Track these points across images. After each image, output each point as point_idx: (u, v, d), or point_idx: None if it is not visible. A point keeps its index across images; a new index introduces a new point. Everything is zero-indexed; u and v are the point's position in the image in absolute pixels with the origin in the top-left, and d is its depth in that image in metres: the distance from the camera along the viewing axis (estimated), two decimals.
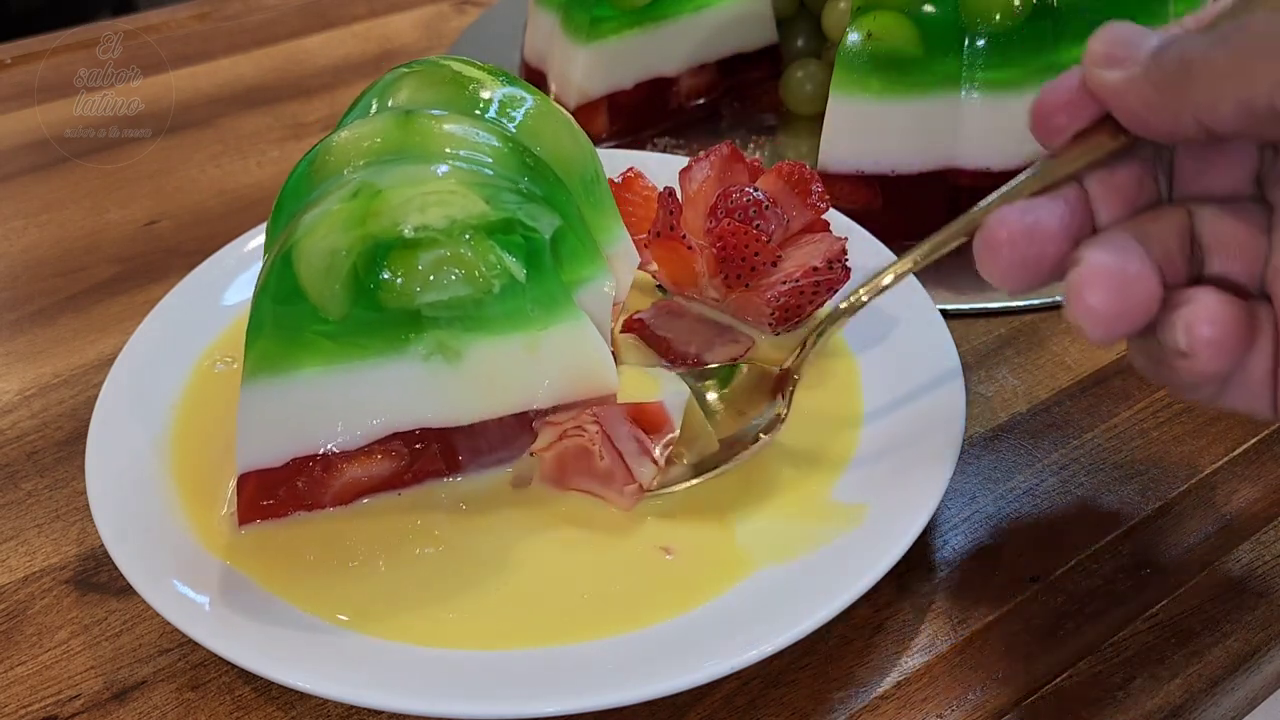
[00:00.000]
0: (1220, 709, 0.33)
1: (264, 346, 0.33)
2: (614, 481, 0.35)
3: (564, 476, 0.35)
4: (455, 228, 0.32)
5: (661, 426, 0.36)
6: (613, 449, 0.35)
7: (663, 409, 0.36)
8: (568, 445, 0.35)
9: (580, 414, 0.35)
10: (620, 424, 0.35)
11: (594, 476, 0.35)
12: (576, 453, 0.35)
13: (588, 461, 0.35)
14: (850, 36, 0.47)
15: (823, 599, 0.30)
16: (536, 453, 0.36)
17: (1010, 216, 0.27)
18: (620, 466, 0.35)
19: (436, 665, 0.31)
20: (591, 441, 0.35)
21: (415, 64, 0.39)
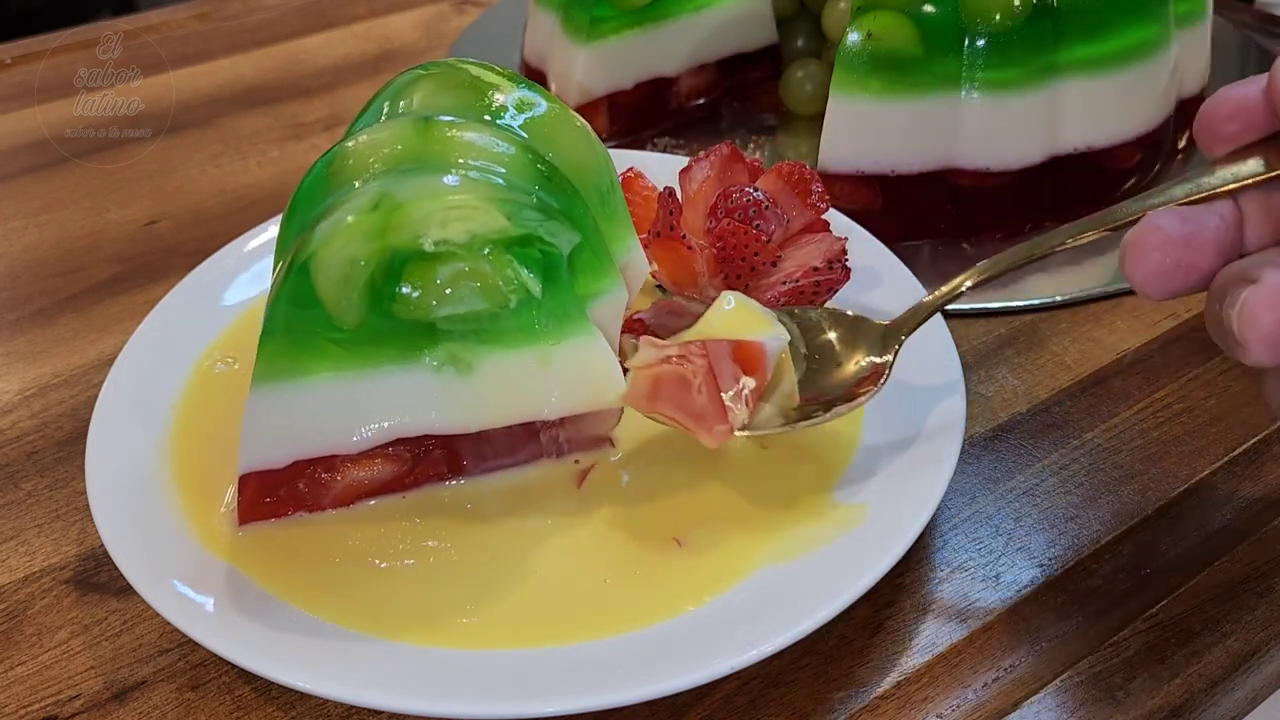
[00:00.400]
0: (1220, 709, 0.33)
1: (275, 350, 0.33)
2: (705, 419, 0.34)
3: (654, 400, 0.34)
4: (475, 242, 0.32)
5: (756, 369, 0.34)
6: (713, 386, 0.33)
7: (763, 351, 0.35)
8: (666, 371, 0.34)
9: (688, 344, 0.34)
10: (726, 361, 0.34)
11: (685, 409, 0.34)
12: (673, 380, 0.34)
13: (683, 392, 0.34)
14: (850, 36, 0.47)
15: (823, 599, 0.30)
16: (633, 369, 0.35)
17: (1166, 222, 0.27)
18: (716, 405, 0.33)
19: (436, 665, 0.31)
20: (694, 374, 0.33)
21: (430, 66, 0.39)
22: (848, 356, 0.36)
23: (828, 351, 0.36)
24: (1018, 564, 0.36)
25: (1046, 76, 0.47)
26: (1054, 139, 0.49)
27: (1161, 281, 0.27)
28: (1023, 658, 0.33)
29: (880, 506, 0.34)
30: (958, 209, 0.50)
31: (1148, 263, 0.27)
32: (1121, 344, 0.44)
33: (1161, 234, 0.27)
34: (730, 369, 0.34)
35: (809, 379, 0.36)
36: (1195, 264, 0.27)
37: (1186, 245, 0.27)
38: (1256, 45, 0.63)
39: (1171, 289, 0.27)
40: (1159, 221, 0.27)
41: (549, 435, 0.37)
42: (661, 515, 0.35)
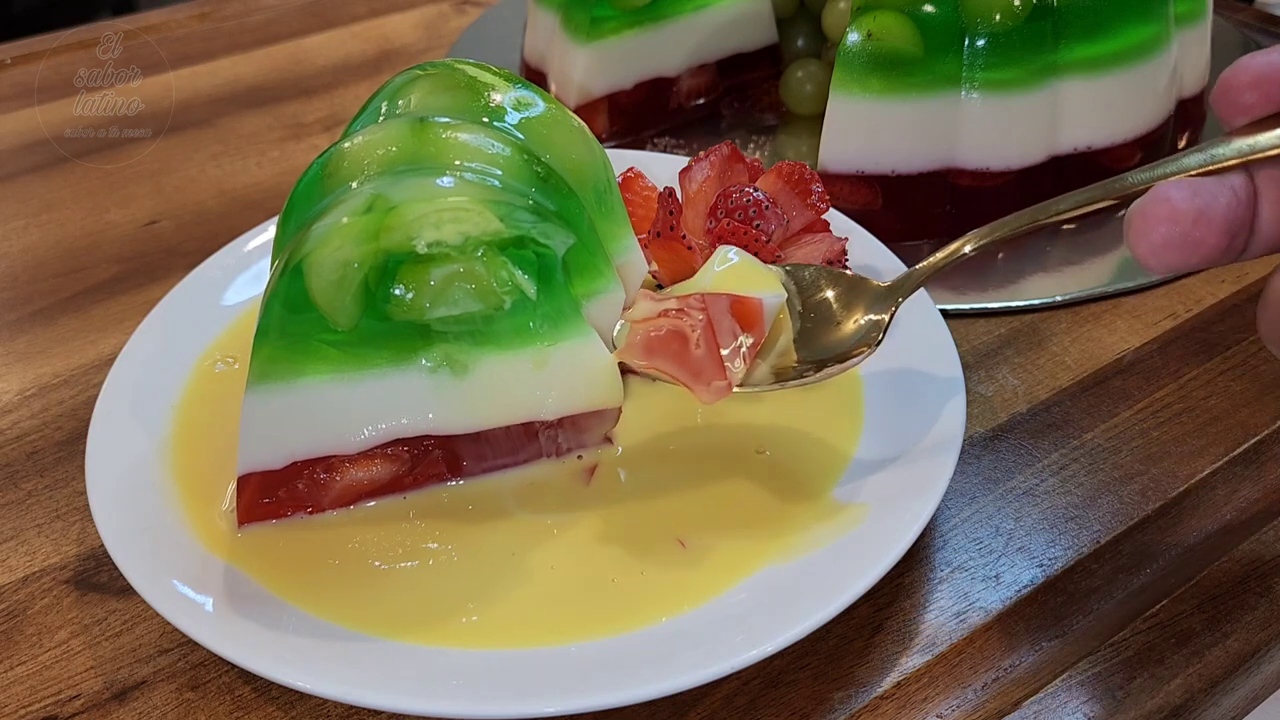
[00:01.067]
0: (1220, 709, 0.33)
1: (270, 352, 0.33)
2: (703, 375, 0.33)
3: (650, 354, 0.34)
4: (469, 244, 0.32)
5: (753, 326, 0.34)
6: (712, 341, 0.33)
7: (761, 308, 0.34)
8: (664, 325, 0.33)
9: (687, 298, 0.34)
10: (725, 317, 0.33)
11: (682, 364, 0.33)
12: (671, 334, 0.33)
13: (681, 347, 0.33)
14: (850, 36, 0.47)
15: (823, 599, 0.30)
16: (630, 321, 0.34)
17: (1176, 195, 0.26)
18: (714, 361, 0.33)
19: (436, 665, 0.31)
20: (692, 328, 0.33)
21: (428, 66, 0.39)
22: (844, 316, 0.35)
23: (824, 310, 0.35)
24: (1018, 564, 0.36)
25: (1046, 76, 0.47)
26: (1054, 139, 0.49)
27: (1167, 256, 0.26)
28: (1023, 658, 0.33)
29: (880, 506, 0.34)
30: (958, 209, 0.49)
31: (1154, 235, 0.26)
32: (1122, 344, 0.44)
33: (1170, 206, 0.26)
34: (729, 324, 0.33)
35: (804, 337, 0.35)
36: (1203, 239, 0.26)
37: (1196, 220, 0.26)
38: (1256, 45, 0.63)
39: (1176, 264, 0.26)
40: (1169, 193, 0.26)
41: (548, 435, 0.37)
42: (663, 515, 0.35)
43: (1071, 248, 0.49)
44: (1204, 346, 0.44)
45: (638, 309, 0.34)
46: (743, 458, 0.37)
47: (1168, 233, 0.26)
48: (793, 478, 0.36)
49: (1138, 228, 0.26)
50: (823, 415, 0.38)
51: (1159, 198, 0.26)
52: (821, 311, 0.35)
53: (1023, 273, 0.48)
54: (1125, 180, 0.29)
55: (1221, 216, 0.26)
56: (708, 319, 0.33)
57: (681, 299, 0.34)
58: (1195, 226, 0.26)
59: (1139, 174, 0.28)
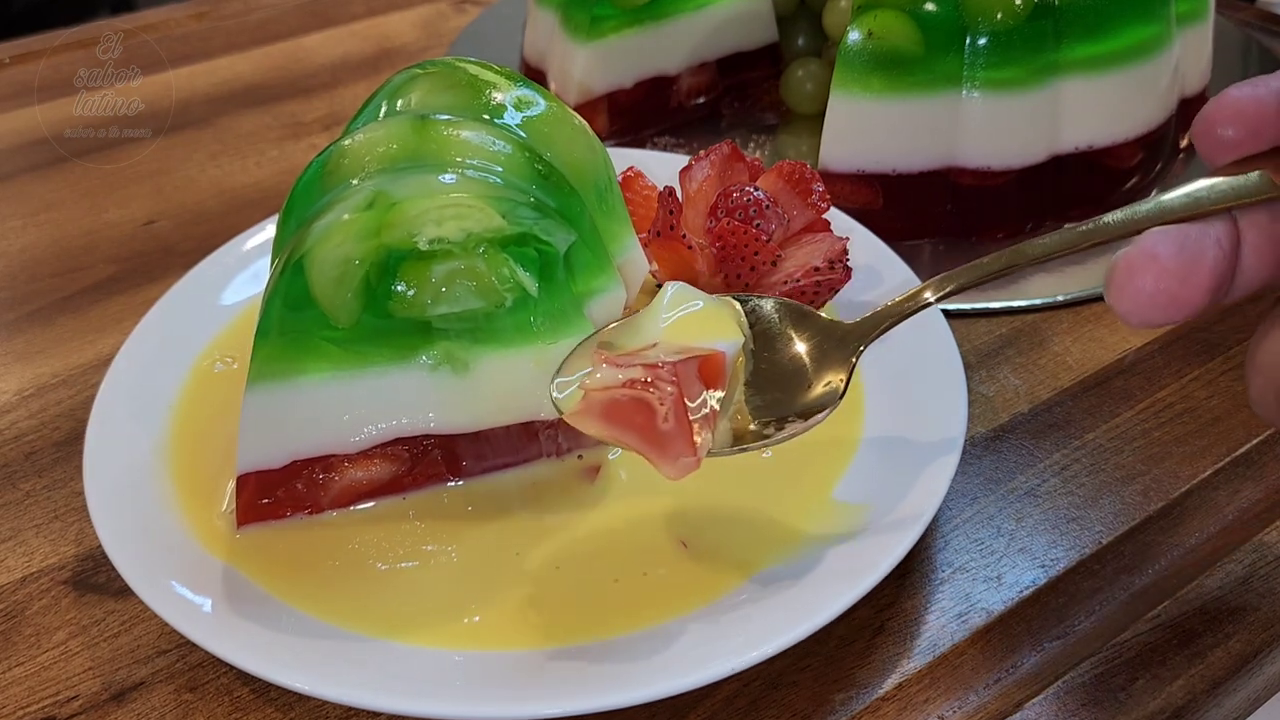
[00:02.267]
0: (1222, 710, 0.33)
1: (271, 350, 0.33)
2: (670, 450, 0.30)
3: (609, 422, 0.30)
4: (471, 241, 0.32)
5: (717, 382, 0.31)
6: (683, 413, 0.29)
7: (723, 362, 0.31)
8: (628, 395, 0.30)
9: (654, 366, 0.30)
10: (694, 383, 0.30)
11: (645, 437, 0.30)
12: (636, 405, 0.30)
13: (646, 419, 0.30)
14: (851, 35, 0.47)
15: (824, 600, 0.30)
16: (587, 390, 0.30)
17: (1163, 248, 0.24)
18: (683, 436, 0.29)
19: (435, 666, 0.30)
20: (661, 401, 0.29)
21: (429, 65, 0.39)
22: (801, 362, 0.32)
23: (778, 350, 0.32)
24: (1019, 565, 0.35)
25: (1048, 75, 0.47)
26: (1055, 138, 0.49)
27: (1150, 313, 0.25)
28: (1024, 659, 0.33)
29: (881, 507, 0.33)
30: (959, 208, 0.49)
31: (1137, 292, 0.25)
32: (1123, 344, 0.44)
33: (1157, 264, 0.24)
34: (697, 390, 0.30)
35: (758, 380, 0.32)
36: (1189, 298, 0.24)
37: (1184, 278, 0.24)
38: (1258, 44, 0.63)
39: (1158, 321, 0.25)
40: (1155, 248, 0.24)
41: (548, 435, 0.36)
42: (665, 516, 0.35)
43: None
44: (1206, 347, 0.44)
45: (600, 378, 0.30)
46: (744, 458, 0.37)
47: (1153, 290, 0.25)
48: (794, 478, 0.36)
49: (1122, 285, 0.25)
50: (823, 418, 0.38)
51: (1144, 253, 0.25)
52: (776, 350, 0.32)
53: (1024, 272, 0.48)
54: (1105, 227, 0.27)
55: (1208, 271, 0.25)
56: (679, 393, 0.29)
57: (649, 369, 0.30)
58: (1183, 285, 0.24)
59: (1119, 217, 0.27)
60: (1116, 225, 0.27)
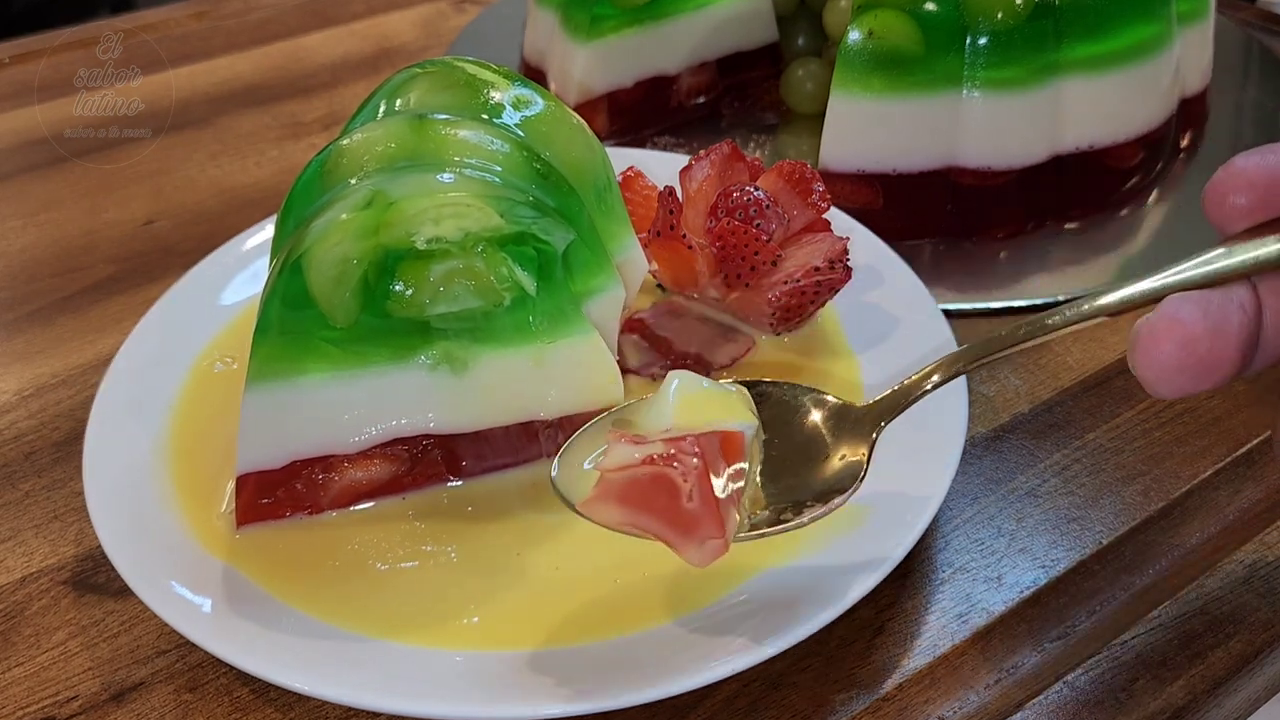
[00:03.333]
0: (1223, 710, 0.33)
1: (270, 350, 0.33)
2: (696, 532, 0.27)
3: (628, 507, 0.28)
4: (469, 240, 0.32)
5: (737, 461, 0.29)
6: (708, 490, 0.27)
7: (743, 441, 0.29)
8: (647, 473, 0.27)
9: (675, 440, 0.27)
10: (719, 461, 0.27)
11: (668, 519, 0.27)
12: (657, 484, 0.27)
13: (669, 500, 0.27)
14: (851, 35, 0.47)
15: (824, 600, 0.30)
16: (604, 471, 0.28)
17: (1187, 315, 0.24)
18: (710, 515, 0.27)
19: (435, 667, 0.30)
20: (684, 477, 0.27)
21: (428, 64, 0.39)
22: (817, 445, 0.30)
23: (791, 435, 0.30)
24: (1020, 565, 0.35)
25: (1048, 75, 0.47)
26: (1056, 138, 0.49)
27: (1179, 380, 0.24)
28: (1025, 659, 0.33)
29: (881, 507, 0.33)
30: (960, 208, 0.49)
31: (1163, 359, 0.24)
32: (1124, 344, 0.44)
33: (1182, 329, 0.24)
34: (721, 467, 0.28)
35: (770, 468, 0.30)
36: (1218, 364, 0.24)
37: (1211, 343, 0.23)
38: (1259, 44, 0.63)
39: (1187, 389, 0.24)
40: (1177, 313, 0.24)
41: (548, 435, 0.36)
42: None
43: (1073, 247, 0.49)
44: None
45: (613, 456, 0.28)
46: None
47: (1181, 357, 0.24)
48: None
49: (1145, 350, 0.24)
50: None
51: (1167, 317, 0.24)
52: (787, 435, 0.30)
53: (1025, 272, 0.48)
54: (1128, 294, 0.26)
55: (1235, 335, 0.24)
56: (704, 466, 0.27)
57: (670, 442, 0.27)
58: (1210, 350, 0.24)
59: (1140, 285, 0.26)
60: (1138, 294, 0.26)
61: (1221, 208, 0.26)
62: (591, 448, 0.30)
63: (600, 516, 0.28)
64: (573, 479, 0.29)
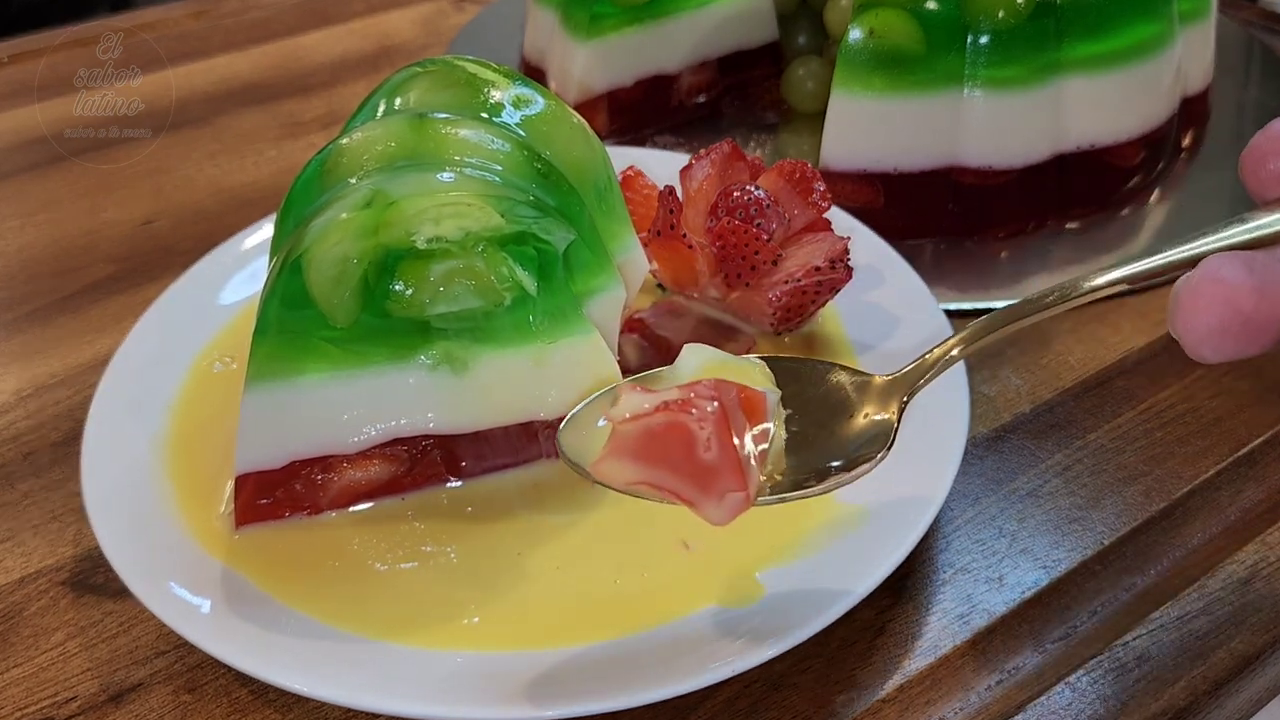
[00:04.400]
0: (1224, 711, 0.33)
1: (269, 350, 0.33)
2: (714, 485, 0.26)
3: (642, 460, 0.26)
4: (469, 239, 0.32)
5: (760, 421, 0.27)
6: (727, 439, 0.25)
7: (765, 404, 0.27)
8: (662, 421, 0.25)
9: (692, 384, 0.26)
10: (737, 412, 0.26)
11: (686, 473, 0.26)
12: (671, 434, 0.25)
13: (686, 450, 0.25)
14: (852, 33, 0.47)
15: (825, 601, 0.30)
16: (616, 423, 0.26)
17: (1229, 273, 0.22)
18: (730, 467, 0.25)
19: (435, 668, 0.30)
20: (701, 424, 0.25)
21: (427, 63, 0.39)
22: (840, 416, 0.29)
23: (814, 410, 0.29)
24: (1021, 566, 0.35)
25: (1050, 74, 0.47)
26: (1057, 136, 0.49)
27: (1224, 344, 0.23)
28: (1026, 660, 0.33)
29: (882, 508, 0.33)
30: (961, 207, 0.49)
31: (1206, 319, 0.22)
32: (1125, 344, 0.44)
33: (1226, 288, 0.22)
34: (742, 422, 0.26)
35: (793, 442, 0.29)
36: (1265, 326, 0.22)
37: (1257, 301, 0.22)
38: (1260, 43, 0.63)
39: (1233, 352, 0.23)
40: (1221, 272, 0.22)
41: (548, 435, 0.36)
42: (666, 517, 0.35)
43: (1075, 246, 0.49)
44: None
45: (624, 404, 0.26)
46: None
47: (1224, 316, 0.22)
48: None
49: (1186, 310, 0.23)
50: None
51: (1210, 277, 0.22)
52: (808, 410, 0.29)
53: (1026, 271, 0.48)
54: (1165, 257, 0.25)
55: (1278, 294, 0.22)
56: (721, 411, 0.25)
57: (685, 387, 0.26)
58: (1257, 310, 0.22)
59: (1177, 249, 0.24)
60: (1175, 260, 0.25)
61: (1259, 173, 0.25)
62: (601, 412, 0.28)
63: (612, 476, 0.27)
64: (582, 443, 0.28)
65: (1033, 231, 0.50)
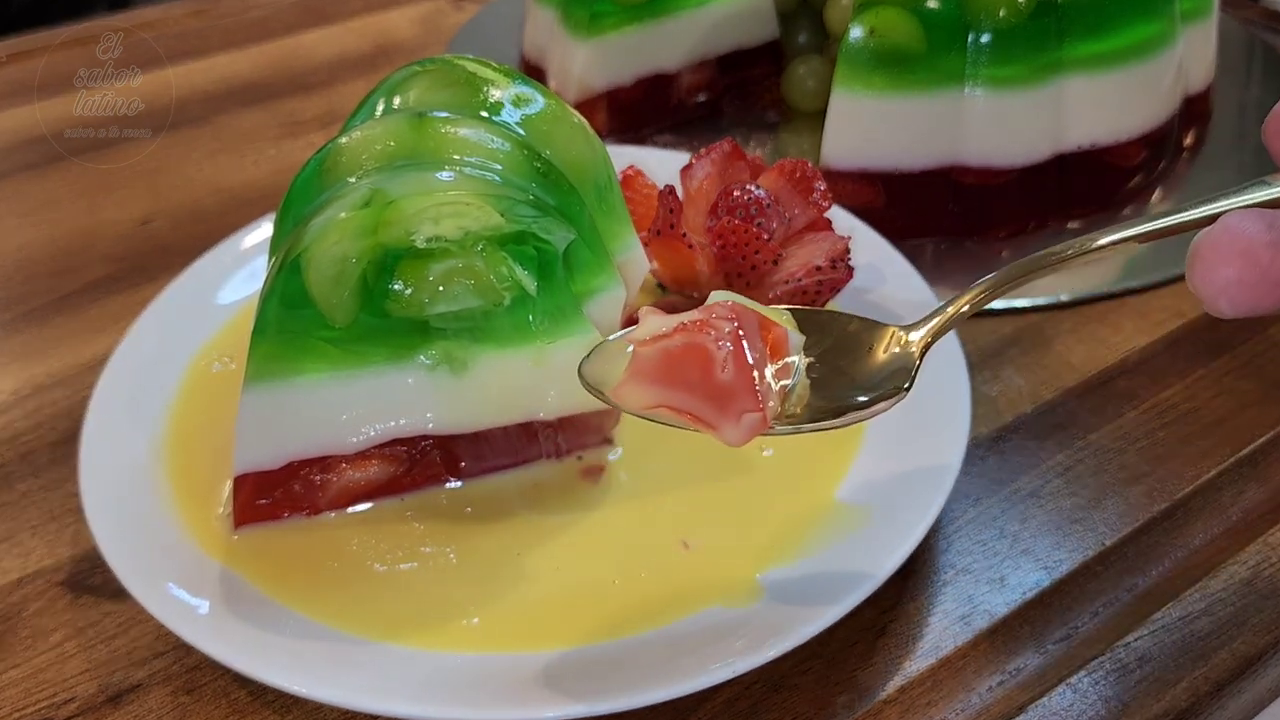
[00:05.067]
0: (1226, 712, 0.32)
1: (268, 350, 0.33)
2: (731, 405, 0.26)
3: (663, 384, 0.27)
4: (469, 239, 0.32)
5: (780, 355, 0.28)
6: (743, 362, 0.26)
7: (786, 338, 0.28)
8: (680, 342, 0.26)
9: (712, 305, 0.27)
10: (756, 333, 0.26)
11: (704, 394, 0.26)
12: (690, 354, 0.26)
13: (703, 370, 0.26)
14: (853, 32, 0.47)
15: (826, 602, 0.30)
16: (636, 344, 0.27)
17: (1250, 226, 0.23)
18: (746, 386, 0.26)
19: (434, 669, 0.30)
20: (718, 343, 0.26)
21: (427, 62, 0.39)
22: (859, 361, 0.29)
23: (835, 356, 0.30)
24: (1022, 566, 0.35)
25: (1051, 73, 0.47)
26: (1059, 136, 0.48)
27: (1240, 296, 0.23)
28: (1027, 661, 0.33)
29: (884, 508, 0.33)
30: (962, 207, 0.49)
31: (1225, 271, 0.23)
32: (1127, 344, 0.44)
33: (1244, 239, 0.22)
34: (761, 348, 0.27)
35: (815, 385, 0.29)
36: None
37: (1275, 256, 0.22)
38: (1262, 43, 0.63)
39: (1250, 306, 0.23)
40: (1240, 225, 0.23)
41: (547, 436, 0.36)
42: (666, 517, 0.35)
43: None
44: (1210, 346, 0.44)
45: (644, 326, 0.27)
46: (746, 458, 0.36)
47: (1242, 268, 0.23)
48: (796, 479, 0.36)
49: (1204, 262, 0.23)
50: None
51: (1229, 229, 0.23)
52: (830, 358, 0.29)
53: None
54: (1185, 215, 0.25)
55: None
56: (737, 332, 0.26)
57: (705, 309, 0.27)
58: (1274, 263, 0.22)
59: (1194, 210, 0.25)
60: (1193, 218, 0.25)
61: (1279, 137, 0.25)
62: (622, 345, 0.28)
63: (632, 401, 0.27)
64: (604, 373, 0.28)
65: (1033, 231, 0.49)
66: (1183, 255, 0.26)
